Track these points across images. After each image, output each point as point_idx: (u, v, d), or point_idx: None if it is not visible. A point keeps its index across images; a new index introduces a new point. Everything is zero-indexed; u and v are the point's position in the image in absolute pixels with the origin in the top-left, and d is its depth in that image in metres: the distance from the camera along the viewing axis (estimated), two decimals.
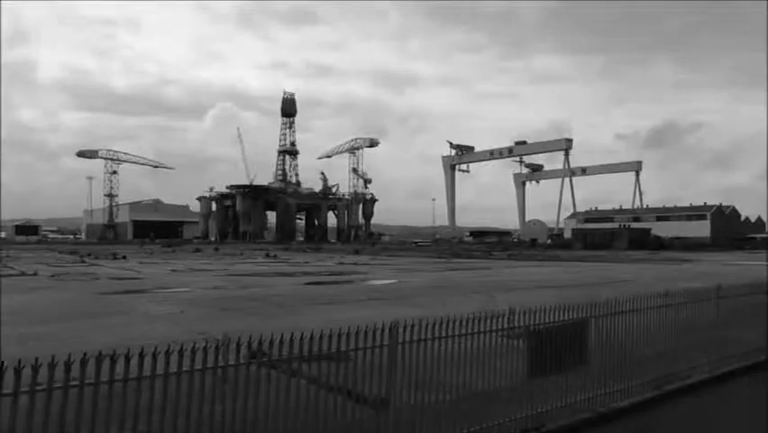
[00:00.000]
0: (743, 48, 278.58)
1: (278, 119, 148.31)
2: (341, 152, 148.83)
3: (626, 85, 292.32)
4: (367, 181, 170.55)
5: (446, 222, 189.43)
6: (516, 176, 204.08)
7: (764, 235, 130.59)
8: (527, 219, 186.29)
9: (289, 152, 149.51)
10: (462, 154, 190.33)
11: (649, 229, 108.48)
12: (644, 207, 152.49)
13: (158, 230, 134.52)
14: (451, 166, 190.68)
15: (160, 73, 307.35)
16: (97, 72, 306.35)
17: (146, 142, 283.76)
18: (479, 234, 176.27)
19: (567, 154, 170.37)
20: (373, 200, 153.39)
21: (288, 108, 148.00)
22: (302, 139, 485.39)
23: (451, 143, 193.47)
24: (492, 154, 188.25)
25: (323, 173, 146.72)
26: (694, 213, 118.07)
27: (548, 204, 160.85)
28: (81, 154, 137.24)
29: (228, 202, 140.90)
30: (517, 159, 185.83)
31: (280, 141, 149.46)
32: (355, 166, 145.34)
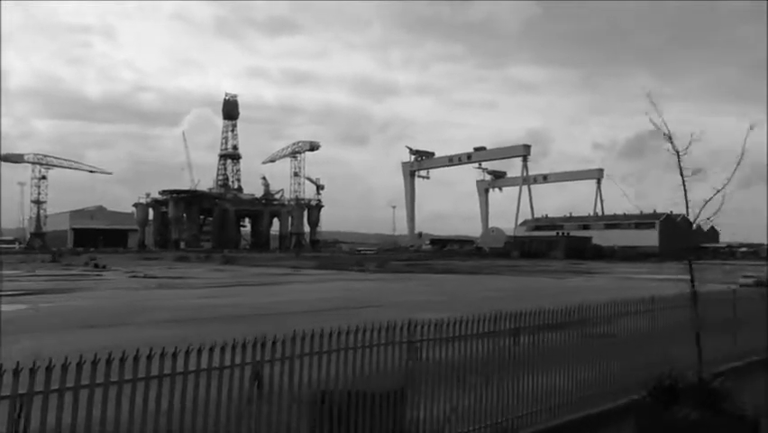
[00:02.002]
0: (715, 62, 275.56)
1: (252, 126, 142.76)
2: (283, 157, 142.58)
3: (603, 96, 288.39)
4: (320, 187, 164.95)
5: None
6: (480, 183, 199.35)
7: (718, 245, 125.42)
8: (490, 226, 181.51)
9: (231, 156, 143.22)
10: (422, 160, 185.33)
11: (589, 238, 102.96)
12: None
13: (103, 238, 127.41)
14: (410, 172, 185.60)
15: (135, 81, 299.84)
16: (71, 79, 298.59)
17: (121, 149, 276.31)
18: (440, 241, 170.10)
19: (525, 161, 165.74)
20: (319, 206, 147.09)
21: (230, 110, 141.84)
22: (277, 146, 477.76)
23: (410, 149, 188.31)
24: (451, 160, 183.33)
25: (264, 178, 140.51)
26: (642, 221, 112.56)
27: (514, 212, 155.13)
28: (5, 159, 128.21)
29: (164, 208, 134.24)
30: (477, 165, 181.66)
31: (222, 144, 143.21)
32: (297, 170, 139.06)
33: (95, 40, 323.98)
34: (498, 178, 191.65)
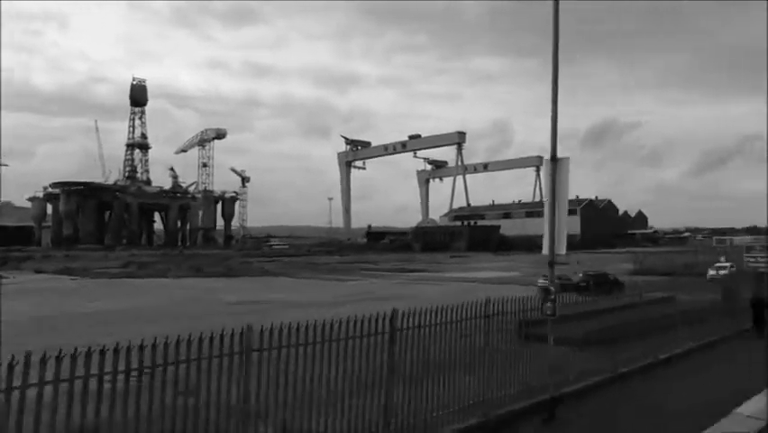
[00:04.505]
0: (672, 50, 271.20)
1: (210, 118, 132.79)
2: (193, 146, 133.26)
3: (565, 85, 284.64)
4: (245, 179, 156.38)
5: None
6: (420, 173, 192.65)
7: (645, 231, 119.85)
8: (428, 218, 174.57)
9: (140, 145, 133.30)
10: (358, 150, 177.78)
11: (497, 227, 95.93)
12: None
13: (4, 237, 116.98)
14: (346, 163, 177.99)
15: (89, 71, 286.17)
16: (21, 70, 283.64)
17: (75, 143, 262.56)
18: (376, 234, 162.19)
19: (460, 148, 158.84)
20: (234, 199, 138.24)
21: (138, 96, 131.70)
22: (240, 139, 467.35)
23: (346, 139, 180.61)
24: (387, 149, 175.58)
25: (172, 169, 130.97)
26: None
27: (459, 202, 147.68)
28: None
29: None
30: (412, 153, 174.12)
31: (129, 133, 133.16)
32: (206, 161, 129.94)
33: (45, 28, 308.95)
34: (439, 168, 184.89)
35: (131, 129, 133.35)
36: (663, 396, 10.75)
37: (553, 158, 9.41)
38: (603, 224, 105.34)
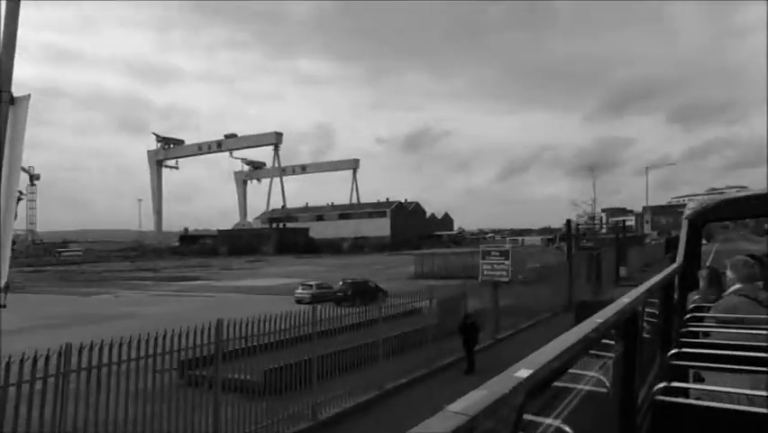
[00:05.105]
0: (480, 65, 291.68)
1: None
2: None
3: (386, 91, 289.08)
4: (33, 177, 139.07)
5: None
6: (237, 174, 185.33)
7: (451, 233, 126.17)
8: (245, 220, 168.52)
9: None
10: (170, 148, 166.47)
11: (306, 230, 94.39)
12: (357, 203, 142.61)
13: None
14: (157, 162, 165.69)
15: None
16: None
17: None
18: (191, 238, 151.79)
19: (277, 149, 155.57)
20: (18, 199, 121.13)
21: None
22: (37, 133, 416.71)
23: (157, 136, 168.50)
24: (201, 149, 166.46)
25: None
26: (375, 210, 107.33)
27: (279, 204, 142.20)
28: None
29: None
30: (228, 153, 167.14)
31: None
32: None
33: None
34: (257, 169, 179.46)
35: None
36: None
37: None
38: (411, 226, 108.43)
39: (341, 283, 27.87)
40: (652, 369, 3.62)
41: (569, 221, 22.85)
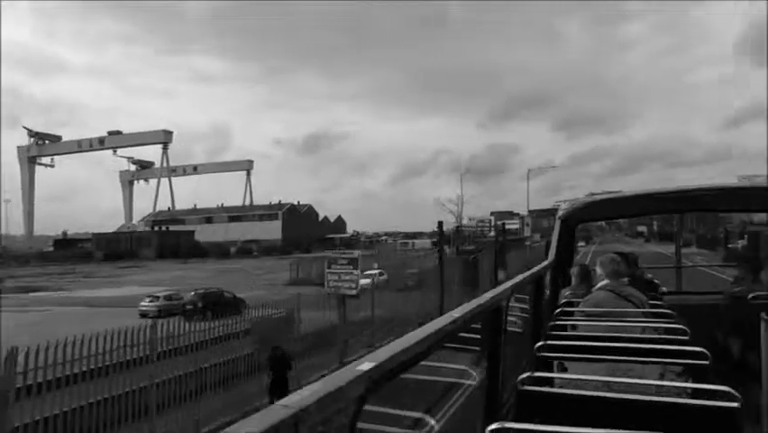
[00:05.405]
0: (378, 69, 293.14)
1: None
2: None
3: (284, 92, 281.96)
4: None
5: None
6: (123, 174, 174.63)
7: (344, 235, 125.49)
8: (131, 222, 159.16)
9: None
10: (44, 145, 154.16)
11: (191, 232, 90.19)
12: (249, 204, 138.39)
13: None
14: (29, 159, 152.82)
15: None
16: None
17: None
18: (69, 241, 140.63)
19: (166, 148, 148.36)
20: None
21: None
22: None
23: (29, 131, 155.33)
24: (81, 146, 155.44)
25: None
26: (266, 213, 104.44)
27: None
28: None
29: None
30: (112, 151, 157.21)
31: None
32: None
33: None
34: (145, 168, 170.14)
35: None
36: None
37: None
38: (304, 229, 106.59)
39: (192, 294, 25.55)
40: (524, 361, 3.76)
41: (440, 223, 22.21)
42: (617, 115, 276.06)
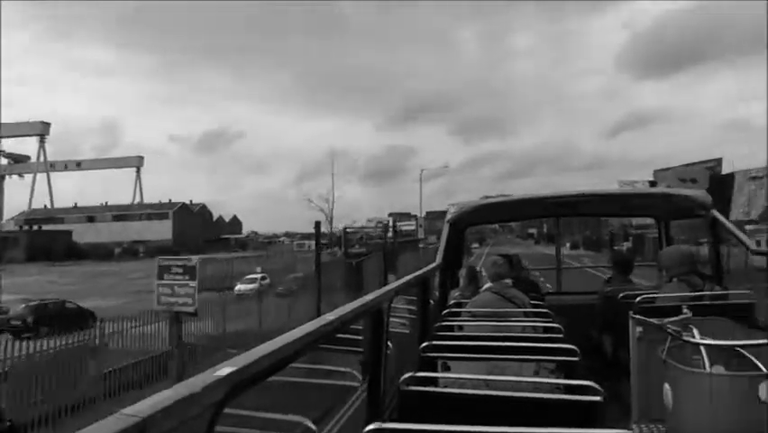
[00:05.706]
0: (275, 69, 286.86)
1: None
2: None
3: (180, 88, 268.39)
4: None
5: None
6: None
7: (239, 236, 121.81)
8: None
9: None
10: None
11: (69, 232, 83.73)
12: (137, 204, 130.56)
13: None
14: None
15: None
16: None
17: None
18: None
19: (43, 141, 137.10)
20: None
21: None
22: None
23: None
24: None
25: None
26: (156, 212, 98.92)
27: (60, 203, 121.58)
28: None
29: None
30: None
31: None
32: None
33: None
34: (19, 162, 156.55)
35: None
36: None
37: None
38: (196, 229, 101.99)
39: (22, 307, 22.18)
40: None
41: (318, 223, 20.74)
42: (511, 120, 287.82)
